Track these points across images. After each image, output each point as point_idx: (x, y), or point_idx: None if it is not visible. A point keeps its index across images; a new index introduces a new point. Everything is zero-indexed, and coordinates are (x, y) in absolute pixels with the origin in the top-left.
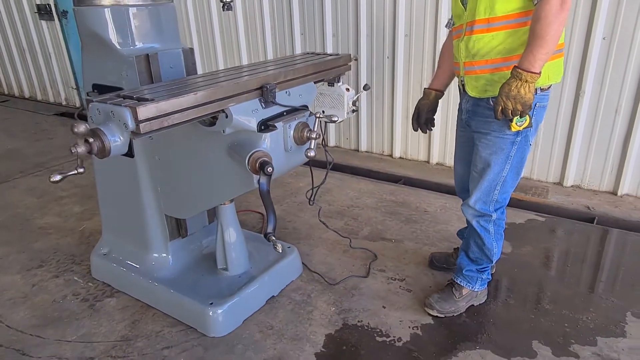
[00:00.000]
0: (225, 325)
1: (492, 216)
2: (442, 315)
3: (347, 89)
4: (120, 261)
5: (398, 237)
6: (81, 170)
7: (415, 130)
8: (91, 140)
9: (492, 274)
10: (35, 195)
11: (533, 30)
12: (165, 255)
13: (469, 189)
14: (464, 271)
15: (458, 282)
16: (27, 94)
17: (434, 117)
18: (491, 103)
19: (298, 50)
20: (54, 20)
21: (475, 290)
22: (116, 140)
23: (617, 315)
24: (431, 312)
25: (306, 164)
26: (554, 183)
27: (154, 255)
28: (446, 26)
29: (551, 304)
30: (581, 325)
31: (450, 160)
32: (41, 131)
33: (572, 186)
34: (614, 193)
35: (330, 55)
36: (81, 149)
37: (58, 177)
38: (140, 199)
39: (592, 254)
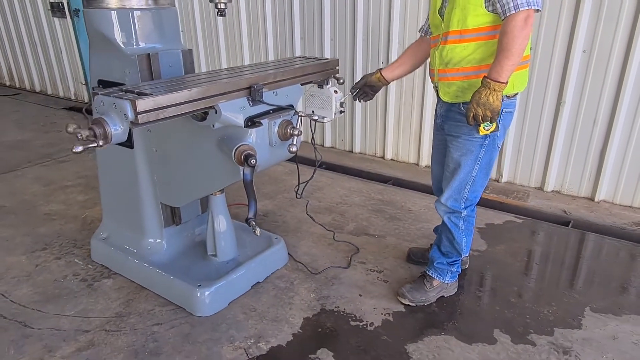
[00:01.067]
0: (211, 306)
1: (462, 213)
2: (414, 304)
3: (336, 91)
4: (118, 245)
5: (381, 233)
6: (101, 143)
7: (352, 94)
8: (95, 127)
9: (465, 269)
10: (42, 184)
11: (500, 44)
12: (159, 240)
13: (442, 188)
14: (435, 263)
15: (430, 274)
16: (37, 88)
17: (371, 96)
18: (462, 108)
19: (298, 53)
20: (66, 17)
21: (446, 282)
22: (117, 129)
23: (576, 309)
24: (403, 301)
25: (293, 160)
26: (535, 188)
27: (150, 240)
28: (419, 31)
29: (516, 298)
30: (542, 317)
31: None
32: (50, 124)
33: (552, 191)
34: (592, 199)
35: (320, 59)
36: (86, 134)
37: (80, 149)
38: (138, 188)
39: (561, 254)
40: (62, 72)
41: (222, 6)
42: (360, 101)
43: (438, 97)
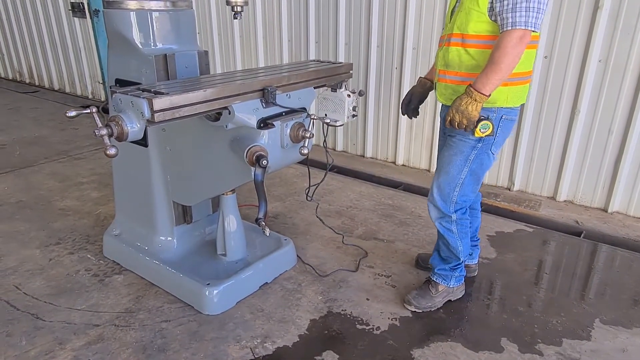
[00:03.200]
0: (219, 304)
1: (452, 217)
2: (420, 310)
3: (349, 95)
4: (130, 242)
5: (390, 238)
6: (111, 152)
7: (403, 114)
8: (113, 125)
9: (473, 277)
10: (58, 180)
11: (491, 56)
12: (170, 238)
13: (432, 185)
14: (436, 270)
15: (434, 279)
16: (56, 86)
17: (419, 106)
18: None
19: (312, 56)
20: (85, 17)
21: (451, 286)
22: (133, 127)
23: (586, 320)
24: (409, 308)
25: (305, 163)
26: (548, 197)
27: (161, 238)
28: None
29: (525, 307)
30: (550, 327)
31: None
32: (67, 121)
33: (564, 201)
34: (605, 210)
35: (334, 63)
36: (104, 131)
37: (73, 113)
38: (150, 186)
39: (572, 265)
40: (80, 71)
41: (239, 9)
42: (411, 118)
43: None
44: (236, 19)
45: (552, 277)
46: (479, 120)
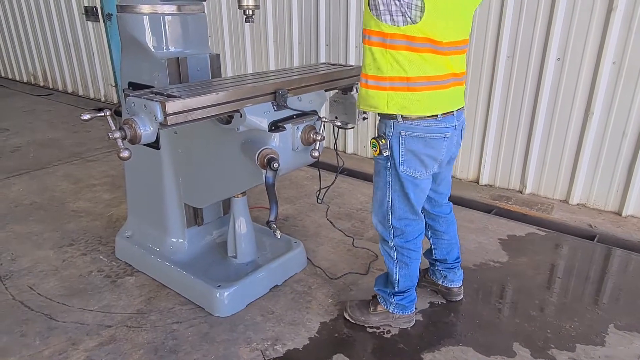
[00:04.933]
0: (230, 306)
1: (388, 243)
2: (352, 322)
3: None
4: (142, 244)
5: None
6: (124, 154)
7: None
8: (126, 127)
9: (459, 300)
10: (71, 182)
11: None
12: (182, 240)
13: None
14: (376, 289)
15: (377, 297)
16: (69, 89)
17: None
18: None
19: (323, 57)
20: (99, 21)
21: (392, 311)
22: (147, 130)
23: (600, 326)
24: (344, 314)
25: (315, 165)
26: (560, 200)
27: (172, 240)
28: None
29: (537, 311)
30: (563, 332)
31: (460, 173)
32: (80, 124)
33: (577, 204)
34: (619, 213)
35: (345, 66)
36: (117, 134)
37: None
38: (162, 188)
39: (586, 269)
40: (93, 74)
41: (250, 12)
42: None
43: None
44: (248, 22)
45: (565, 282)
46: (378, 137)
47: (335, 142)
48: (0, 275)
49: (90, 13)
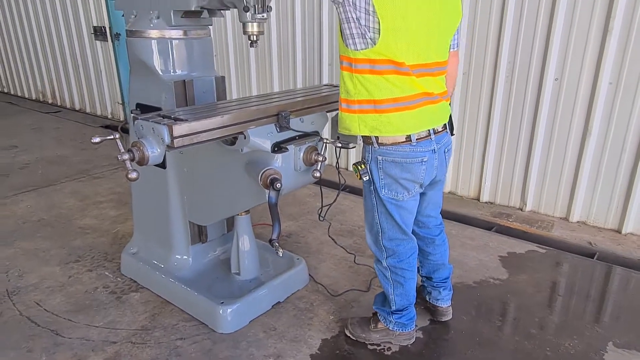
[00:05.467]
0: (233, 323)
1: (382, 263)
2: (354, 338)
3: None
4: (147, 260)
5: None
6: (132, 175)
7: None
8: (134, 150)
9: (446, 321)
10: (78, 199)
11: None
12: (186, 257)
13: None
14: (375, 307)
15: (377, 315)
16: (77, 106)
17: None
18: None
19: (325, 78)
20: (107, 41)
21: (392, 329)
22: (154, 152)
23: (599, 343)
24: (345, 331)
25: (317, 183)
26: (561, 218)
27: (177, 256)
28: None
29: (537, 329)
30: (562, 350)
31: (461, 190)
32: (87, 141)
33: (577, 222)
34: (619, 231)
35: None
36: (126, 156)
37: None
38: (168, 206)
39: (585, 287)
40: (100, 92)
41: (254, 38)
42: None
43: None
44: (252, 47)
45: (565, 299)
46: (359, 163)
47: (337, 161)
48: (8, 291)
49: (99, 33)
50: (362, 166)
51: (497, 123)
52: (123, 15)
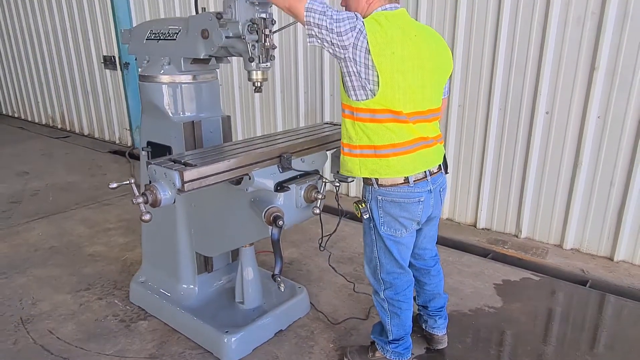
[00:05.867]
0: (237, 351)
1: (380, 294)
2: None
3: None
4: (155, 289)
5: None
6: (146, 217)
7: None
8: (148, 193)
9: (442, 349)
10: (87, 226)
11: None
12: (192, 286)
13: None
14: (373, 336)
15: (375, 344)
16: (86, 131)
17: None
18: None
19: (327, 110)
20: (116, 69)
21: (388, 358)
22: (166, 195)
23: None
24: (344, 359)
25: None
26: (555, 245)
27: (183, 286)
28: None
29: (529, 357)
30: None
31: (459, 217)
32: (96, 167)
33: (571, 249)
34: (611, 259)
35: None
36: (140, 200)
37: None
38: (176, 238)
39: (578, 315)
40: (109, 118)
41: (258, 84)
42: None
43: None
44: (257, 92)
45: (558, 328)
46: (359, 201)
47: (337, 194)
48: (22, 319)
49: (108, 62)
50: (363, 205)
51: (491, 152)
52: (136, 59)
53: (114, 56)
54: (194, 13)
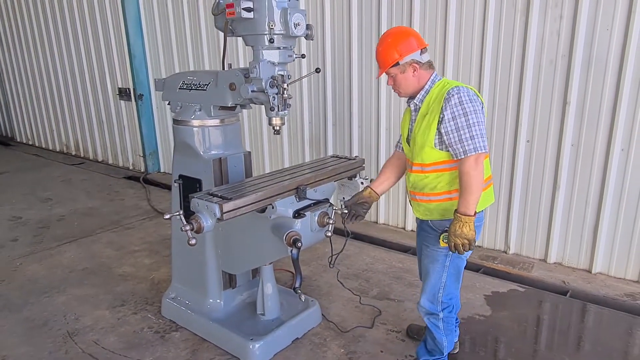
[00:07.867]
0: (261, 356)
1: (439, 315)
2: None
3: (362, 182)
4: (184, 304)
5: (400, 298)
6: (193, 242)
7: (347, 219)
8: (193, 222)
9: (455, 354)
10: (114, 248)
11: (461, 182)
12: (219, 300)
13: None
14: (422, 358)
15: None
16: (100, 158)
17: (363, 215)
18: (431, 224)
19: (330, 138)
20: (131, 101)
21: None
22: (208, 223)
23: None
24: None
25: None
26: (540, 259)
27: (210, 300)
28: (395, 146)
29: (513, 358)
30: None
31: None
32: (114, 192)
33: (554, 263)
34: (589, 271)
35: (349, 159)
36: (188, 227)
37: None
38: (204, 257)
39: (558, 321)
40: (123, 145)
41: (277, 128)
42: (353, 222)
43: None
44: (276, 134)
45: (540, 332)
46: (443, 231)
47: (343, 219)
48: (69, 332)
49: (123, 93)
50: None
51: None
52: (169, 104)
53: (128, 88)
54: (206, 52)
